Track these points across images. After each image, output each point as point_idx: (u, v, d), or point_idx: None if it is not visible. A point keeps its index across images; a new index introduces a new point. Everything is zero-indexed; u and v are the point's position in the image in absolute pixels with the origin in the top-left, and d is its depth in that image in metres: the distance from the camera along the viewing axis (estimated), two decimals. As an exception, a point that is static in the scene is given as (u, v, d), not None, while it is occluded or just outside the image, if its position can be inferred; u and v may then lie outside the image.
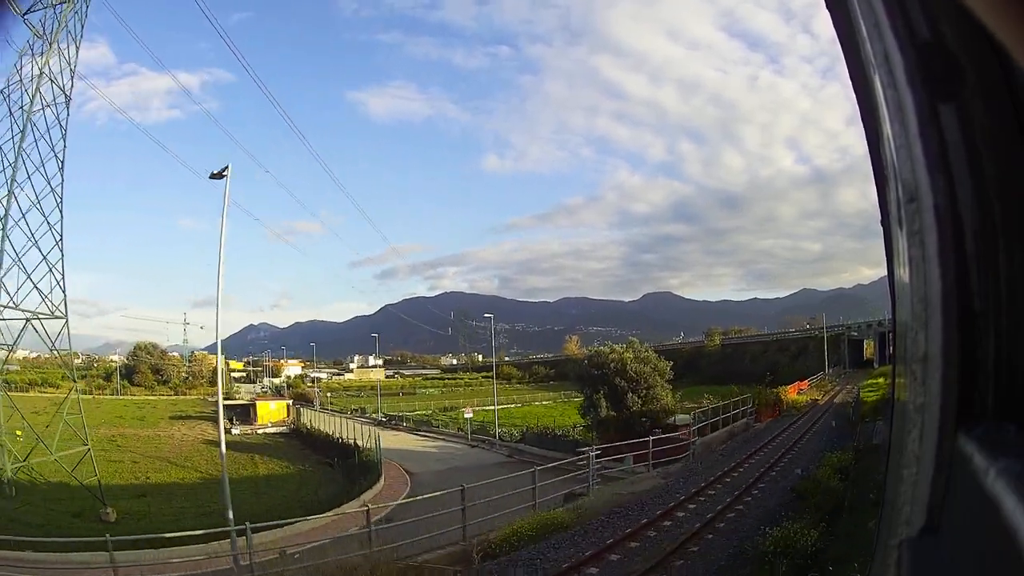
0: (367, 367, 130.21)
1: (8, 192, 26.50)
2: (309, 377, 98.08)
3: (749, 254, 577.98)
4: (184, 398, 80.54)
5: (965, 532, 0.67)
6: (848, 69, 0.96)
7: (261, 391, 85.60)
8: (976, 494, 0.59)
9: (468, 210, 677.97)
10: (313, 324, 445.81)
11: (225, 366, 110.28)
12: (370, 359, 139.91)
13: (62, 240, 29.14)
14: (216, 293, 20.08)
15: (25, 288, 27.61)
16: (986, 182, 0.69)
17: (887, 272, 0.96)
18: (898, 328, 0.86)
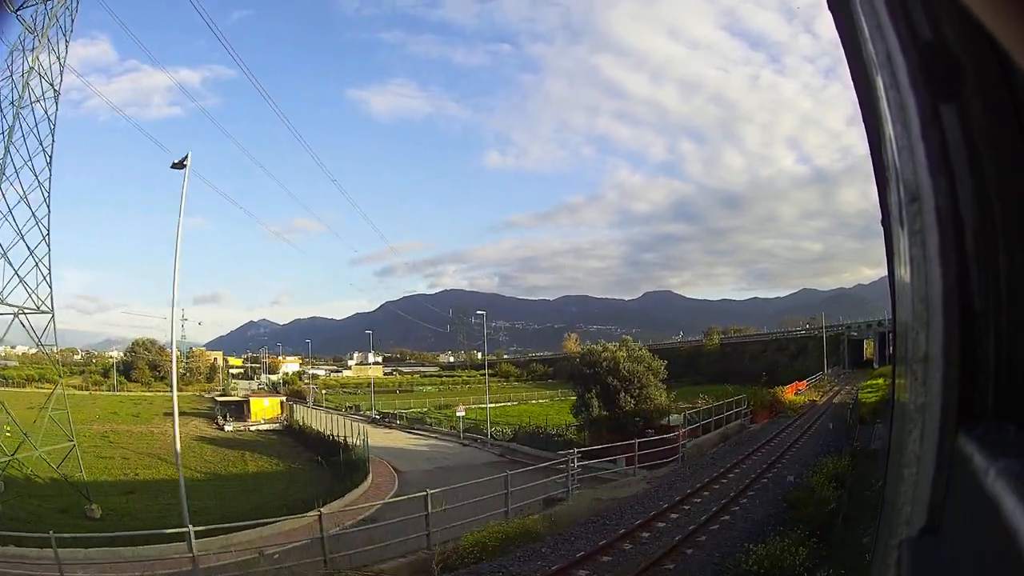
0: (366, 364, 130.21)
1: (-4, 186, 26.55)
2: (308, 374, 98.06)
3: (749, 254, 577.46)
4: (180, 394, 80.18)
5: (965, 532, 0.67)
6: (850, 69, 0.96)
7: (258, 388, 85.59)
8: (976, 494, 0.60)
9: (468, 208, 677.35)
10: (313, 321, 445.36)
11: (224, 363, 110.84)
12: (369, 356, 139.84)
13: (49, 235, 29.17)
14: (172, 289, 20.19)
15: (12, 283, 27.63)
16: (986, 182, 0.69)
17: (888, 272, 0.96)
18: (899, 328, 0.87)
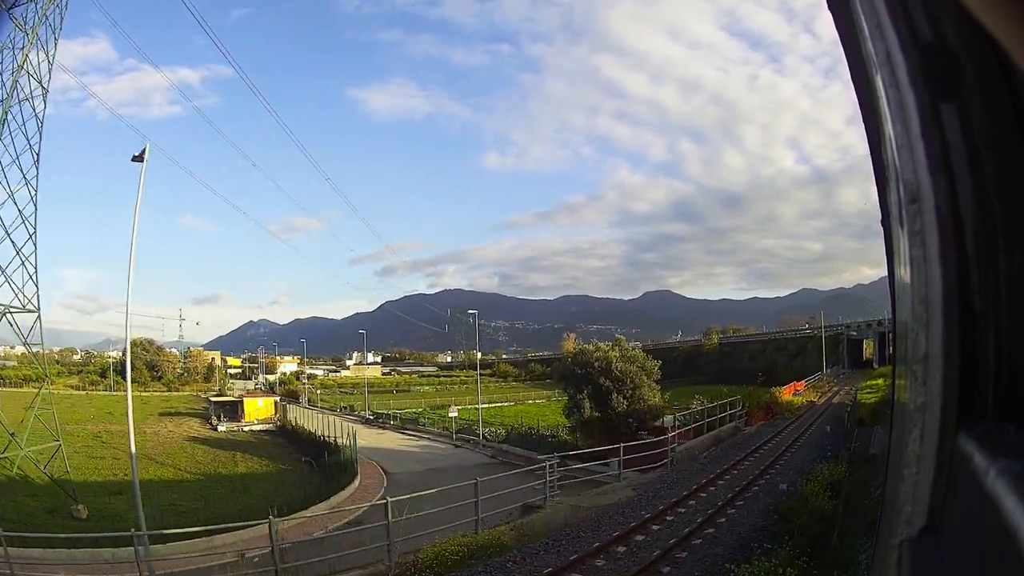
0: (364, 364, 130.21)
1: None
2: (305, 374, 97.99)
3: (750, 253, 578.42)
4: (177, 394, 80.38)
5: (965, 532, 0.67)
6: (850, 69, 0.96)
7: (255, 388, 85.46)
8: (976, 494, 0.60)
9: (469, 207, 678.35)
10: (313, 321, 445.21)
11: (223, 363, 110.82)
12: (368, 356, 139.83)
13: (36, 233, 29.13)
14: (127, 282, 19.41)
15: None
16: (986, 182, 0.69)
17: (888, 272, 0.96)
18: (899, 328, 0.87)
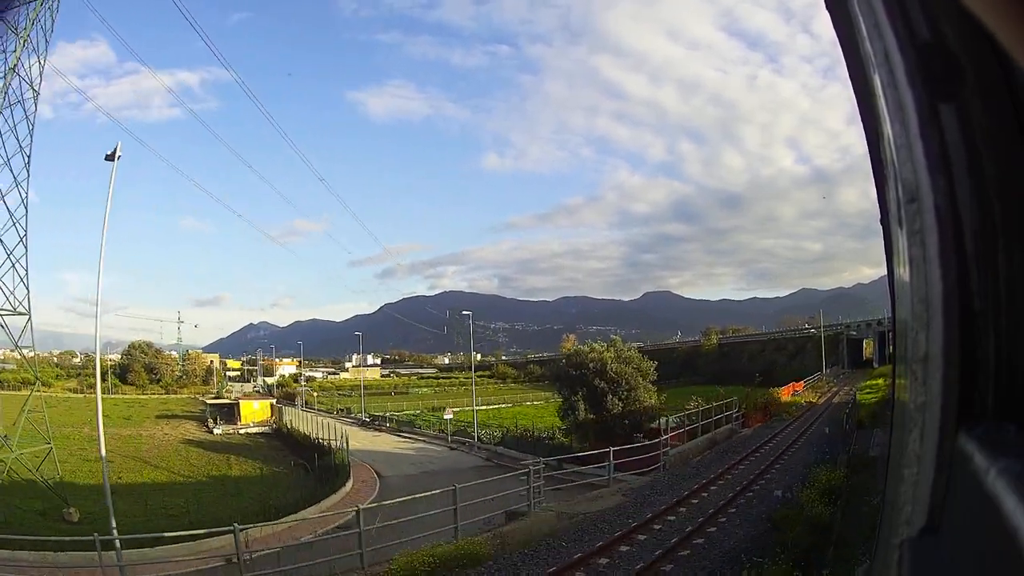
0: (364, 366, 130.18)
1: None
2: (304, 376, 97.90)
3: (749, 253, 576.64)
4: (174, 397, 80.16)
5: (965, 532, 0.67)
6: (848, 69, 0.96)
7: (252, 390, 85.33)
8: (976, 494, 0.60)
9: (467, 209, 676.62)
10: (314, 323, 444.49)
11: (222, 365, 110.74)
12: (368, 358, 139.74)
13: (27, 236, 29.25)
14: (97, 281, 20.11)
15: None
16: (986, 182, 0.69)
17: (887, 272, 0.96)
18: (898, 328, 0.87)
